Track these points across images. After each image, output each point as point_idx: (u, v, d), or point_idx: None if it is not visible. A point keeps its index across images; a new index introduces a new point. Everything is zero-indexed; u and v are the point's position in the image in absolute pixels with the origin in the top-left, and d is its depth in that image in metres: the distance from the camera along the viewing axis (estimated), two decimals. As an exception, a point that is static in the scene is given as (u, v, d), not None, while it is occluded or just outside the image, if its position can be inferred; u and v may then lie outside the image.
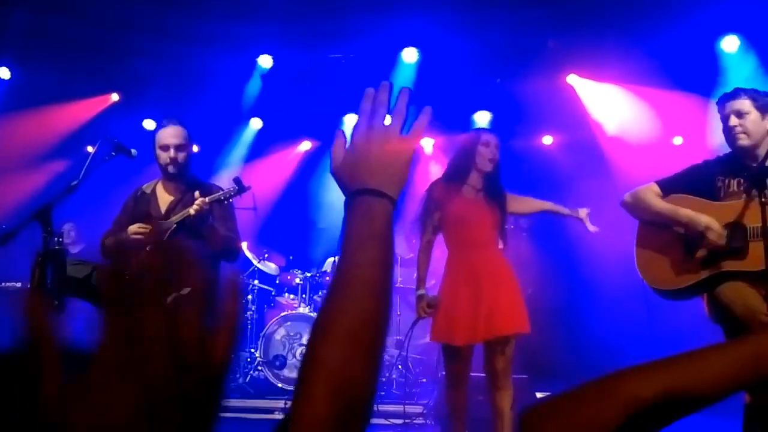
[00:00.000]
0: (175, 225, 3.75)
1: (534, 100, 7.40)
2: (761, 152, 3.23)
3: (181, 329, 0.60)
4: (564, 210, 4.23)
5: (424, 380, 6.42)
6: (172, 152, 3.87)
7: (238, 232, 4.03)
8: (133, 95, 7.66)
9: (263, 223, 7.35)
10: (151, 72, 7.26)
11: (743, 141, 3.27)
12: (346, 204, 1.02)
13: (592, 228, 4.13)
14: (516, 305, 3.84)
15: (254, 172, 8.32)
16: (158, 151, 3.93)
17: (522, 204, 4.21)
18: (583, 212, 4.14)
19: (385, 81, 1.14)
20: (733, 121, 3.28)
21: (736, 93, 3.32)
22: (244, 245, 6.79)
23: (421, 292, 3.90)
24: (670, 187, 3.45)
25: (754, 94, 3.29)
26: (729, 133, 3.31)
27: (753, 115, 3.25)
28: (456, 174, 4.07)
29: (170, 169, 3.91)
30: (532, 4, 6.23)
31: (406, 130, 1.12)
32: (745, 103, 3.27)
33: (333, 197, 8.39)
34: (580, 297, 6.75)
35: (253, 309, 6.68)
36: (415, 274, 4.00)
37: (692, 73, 6.66)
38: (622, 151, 7.47)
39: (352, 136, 1.09)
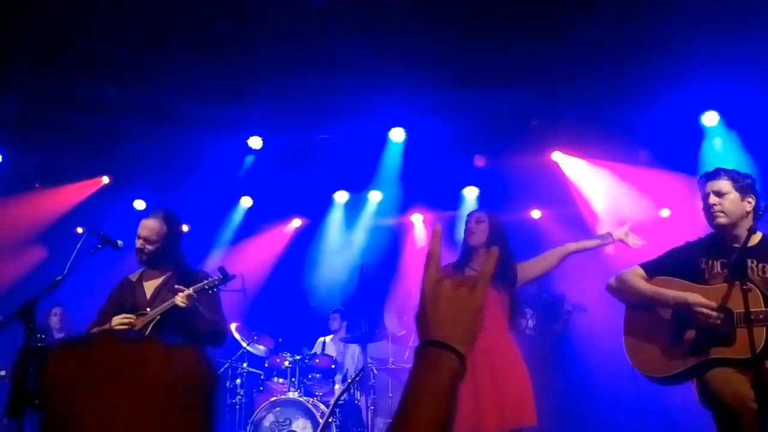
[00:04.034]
0: (159, 316, 3.73)
1: (520, 176, 7.50)
2: (741, 233, 3.25)
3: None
4: (590, 243, 4.08)
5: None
6: (140, 243, 3.94)
7: (224, 317, 4.00)
8: (124, 177, 7.72)
9: (252, 303, 7.30)
10: (142, 154, 7.34)
11: (721, 219, 3.31)
12: (416, 353, 1.03)
13: (634, 243, 4.04)
14: (522, 395, 3.71)
15: (244, 251, 8.31)
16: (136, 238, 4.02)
17: (537, 264, 4.04)
18: (621, 232, 4.02)
19: (437, 226, 1.14)
20: (713, 199, 3.32)
21: (717, 173, 3.36)
22: (233, 326, 6.72)
23: None
24: (654, 269, 3.47)
25: (734, 175, 3.34)
26: (708, 211, 3.36)
27: (732, 195, 3.30)
28: (460, 259, 4.06)
29: (138, 257, 3.99)
30: (515, 84, 6.38)
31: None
32: (724, 184, 3.31)
33: (323, 275, 8.38)
34: (574, 380, 6.65)
35: (241, 393, 6.56)
36: None
37: (674, 149, 6.78)
38: (609, 223, 7.52)
39: (423, 284, 1.09)
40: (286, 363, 6.45)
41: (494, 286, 3.85)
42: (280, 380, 6.50)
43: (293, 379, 6.35)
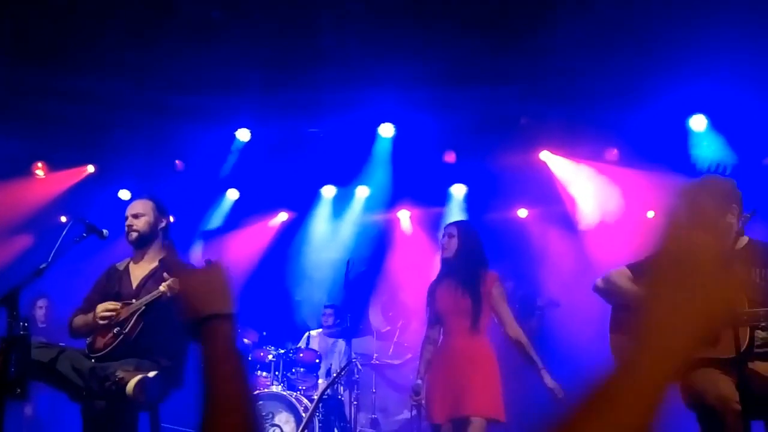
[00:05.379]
0: (144, 306, 3.69)
1: (508, 175, 7.51)
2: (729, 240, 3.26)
3: None
4: (537, 362, 4.19)
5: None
6: (129, 220, 3.90)
7: None
8: (109, 167, 7.65)
9: (237, 297, 7.25)
10: (128, 144, 7.27)
11: None
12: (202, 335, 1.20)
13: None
14: (488, 390, 4.01)
15: (230, 244, 8.27)
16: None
17: (501, 316, 4.26)
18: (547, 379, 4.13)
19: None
20: None
21: None
22: (217, 319, 6.68)
23: (417, 381, 4.19)
24: (641, 271, 3.48)
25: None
26: None
27: None
28: (440, 271, 4.39)
29: (129, 237, 3.93)
30: (505, 82, 6.39)
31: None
32: None
33: (309, 269, 8.35)
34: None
35: (225, 386, 6.51)
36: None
37: (662, 150, 6.81)
38: (596, 224, 7.56)
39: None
40: (270, 357, 6.42)
41: (453, 292, 4.18)
42: (264, 374, 6.47)
43: (277, 373, 6.33)
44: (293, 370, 6.40)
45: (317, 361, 6.49)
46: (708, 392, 2.99)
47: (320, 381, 6.52)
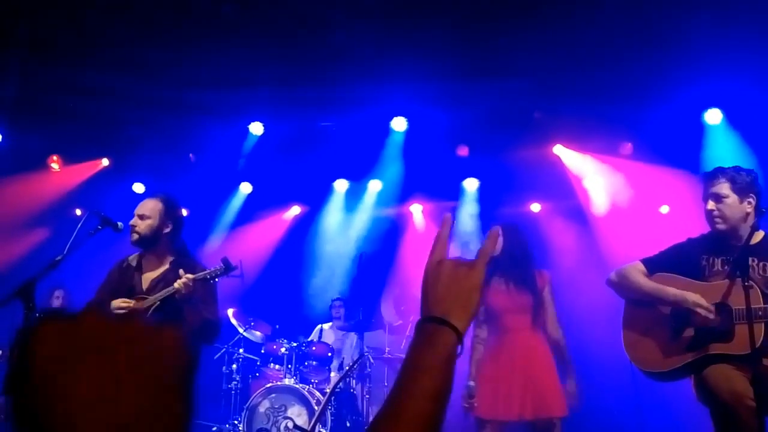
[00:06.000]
0: (158, 302, 3.70)
1: (521, 169, 7.49)
2: (743, 232, 3.24)
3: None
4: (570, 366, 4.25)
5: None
6: (134, 219, 3.85)
7: (218, 314, 3.93)
8: (124, 160, 7.69)
9: (250, 290, 7.29)
10: (142, 138, 7.32)
11: (720, 226, 3.28)
12: (416, 328, 1.05)
13: None
14: (553, 388, 4.03)
15: (243, 237, 8.30)
16: None
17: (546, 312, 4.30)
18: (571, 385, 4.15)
19: (447, 213, 1.22)
20: (711, 205, 3.29)
21: (715, 174, 3.31)
22: (230, 312, 6.72)
23: (469, 383, 4.11)
24: (655, 265, 3.46)
25: (733, 175, 3.27)
26: (707, 216, 3.34)
27: (731, 198, 3.25)
28: (489, 268, 4.29)
29: (130, 237, 3.87)
30: (519, 76, 6.36)
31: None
32: (723, 187, 3.26)
33: (321, 263, 8.38)
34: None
35: (237, 379, 6.57)
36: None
37: (677, 145, 6.77)
38: (609, 219, 7.53)
39: (426, 264, 1.12)
40: (283, 350, 6.46)
41: (516, 289, 4.16)
42: (276, 367, 6.51)
43: (289, 366, 6.37)
44: (306, 363, 6.43)
45: (329, 354, 6.52)
46: (721, 388, 2.97)
47: (332, 374, 6.54)
